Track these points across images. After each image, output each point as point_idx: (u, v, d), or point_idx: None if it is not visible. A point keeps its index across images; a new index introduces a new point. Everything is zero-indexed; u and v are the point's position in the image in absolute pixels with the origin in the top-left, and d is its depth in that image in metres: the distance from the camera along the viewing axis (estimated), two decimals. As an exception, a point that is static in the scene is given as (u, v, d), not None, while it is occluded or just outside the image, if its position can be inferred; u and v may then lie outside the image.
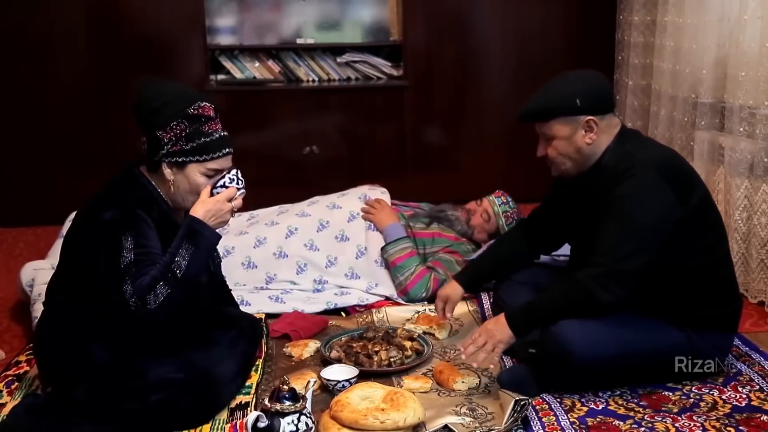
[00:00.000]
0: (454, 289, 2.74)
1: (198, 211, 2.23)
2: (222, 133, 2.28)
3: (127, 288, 2.13)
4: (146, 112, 2.22)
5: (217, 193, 2.27)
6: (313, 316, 2.96)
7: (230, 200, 2.28)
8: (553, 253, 3.02)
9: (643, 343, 2.31)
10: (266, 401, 2.08)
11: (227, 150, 2.28)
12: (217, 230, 2.26)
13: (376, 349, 2.56)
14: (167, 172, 2.25)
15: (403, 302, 3.15)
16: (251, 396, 2.35)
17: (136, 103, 2.26)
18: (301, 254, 3.22)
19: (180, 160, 2.23)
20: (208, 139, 2.24)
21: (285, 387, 2.08)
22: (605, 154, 2.39)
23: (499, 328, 2.33)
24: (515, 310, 2.38)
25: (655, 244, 2.26)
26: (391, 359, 2.55)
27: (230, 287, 3.13)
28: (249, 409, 2.27)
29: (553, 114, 2.37)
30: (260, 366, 2.54)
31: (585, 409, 2.28)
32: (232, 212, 2.30)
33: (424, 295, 3.13)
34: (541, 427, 2.18)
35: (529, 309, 2.36)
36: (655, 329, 2.33)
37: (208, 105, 2.27)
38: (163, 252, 2.21)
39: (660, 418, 2.21)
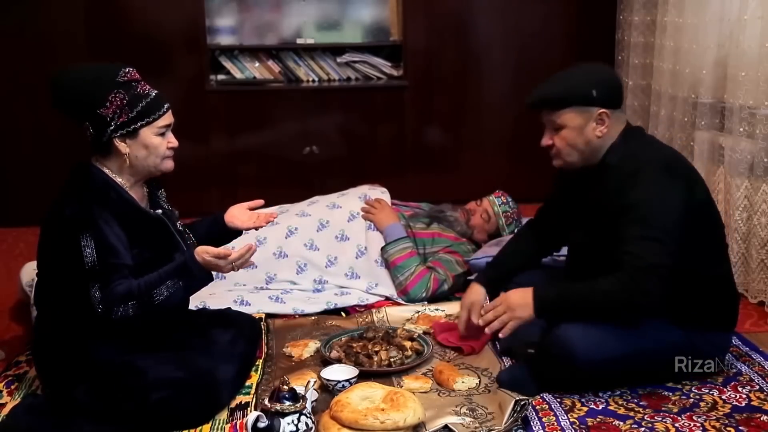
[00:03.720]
0: (477, 293, 2.61)
1: (201, 254, 2.22)
2: (156, 91, 2.29)
3: (95, 293, 2.14)
4: (78, 96, 2.20)
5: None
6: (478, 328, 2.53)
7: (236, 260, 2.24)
8: (554, 254, 3.01)
9: (646, 344, 2.30)
10: (266, 401, 2.08)
11: (168, 104, 2.29)
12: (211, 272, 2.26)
13: (376, 349, 2.56)
14: (121, 146, 2.24)
15: (403, 302, 3.14)
16: (251, 396, 2.35)
17: (61, 95, 2.23)
18: (301, 254, 3.22)
19: (131, 128, 2.23)
20: (148, 100, 2.25)
21: (285, 387, 2.08)
22: (609, 152, 2.37)
23: (523, 307, 2.31)
24: (546, 294, 2.32)
25: (677, 244, 2.22)
26: (391, 359, 2.54)
27: (230, 287, 3.15)
28: (249, 409, 2.27)
29: (567, 103, 2.34)
30: (260, 366, 2.54)
31: (585, 409, 2.28)
32: (235, 267, 2.27)
33: (424, 295, 3.13)
34: (541, 427, 2.18)
35: (561, 297, 2.31)
36: (657, 330, 2.31)
37: (132, 69, 2.27)
38: (128, 241, 2.20)
39: (660, 418, 2.21)
